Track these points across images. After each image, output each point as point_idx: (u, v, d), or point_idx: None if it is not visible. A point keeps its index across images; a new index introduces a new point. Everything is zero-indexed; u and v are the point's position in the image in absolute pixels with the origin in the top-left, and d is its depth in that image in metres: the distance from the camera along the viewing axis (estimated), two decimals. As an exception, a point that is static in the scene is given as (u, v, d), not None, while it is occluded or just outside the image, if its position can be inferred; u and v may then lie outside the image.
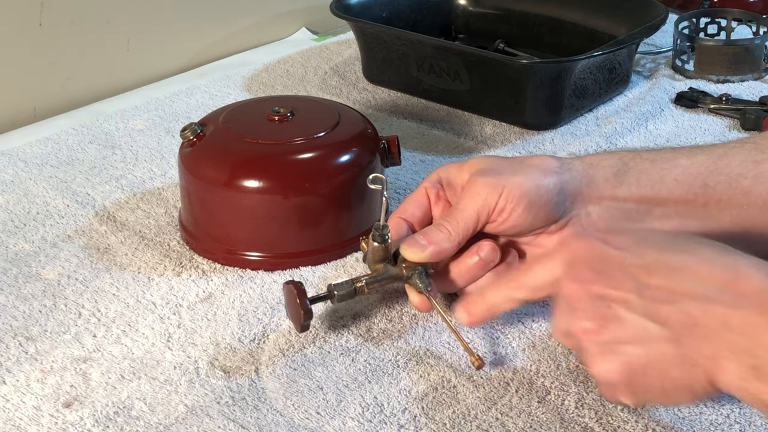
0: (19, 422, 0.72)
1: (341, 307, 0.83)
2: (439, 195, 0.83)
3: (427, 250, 0.78)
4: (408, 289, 0.80)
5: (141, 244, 0.93)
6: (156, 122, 1.18)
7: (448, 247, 0.79)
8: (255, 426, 0.71)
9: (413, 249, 0.79)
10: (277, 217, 0.89)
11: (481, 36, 1.34)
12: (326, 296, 0.79)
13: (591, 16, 1.27)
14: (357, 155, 0.90)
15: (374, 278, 0.79)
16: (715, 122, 1.16)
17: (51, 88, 1.24)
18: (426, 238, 0.79)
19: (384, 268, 0.79)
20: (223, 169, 0.89)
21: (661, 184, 0.82)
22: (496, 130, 1.15)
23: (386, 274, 0.79)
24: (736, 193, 0.82)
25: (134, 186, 1.04)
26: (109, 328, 0.82)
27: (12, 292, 0.87)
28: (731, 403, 0.73)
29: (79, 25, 1.24)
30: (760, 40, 1.25)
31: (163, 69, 1.34)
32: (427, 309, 0.80)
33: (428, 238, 0.79)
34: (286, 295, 0.79)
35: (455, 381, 0.76)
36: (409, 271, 0.79)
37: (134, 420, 0.72)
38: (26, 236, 0.95)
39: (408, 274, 0.79)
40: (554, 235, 0.82)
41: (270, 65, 1.34)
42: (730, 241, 0.84)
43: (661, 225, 0.83)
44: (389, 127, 1.16)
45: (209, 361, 0.78)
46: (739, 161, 0.83)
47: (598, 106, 1.20)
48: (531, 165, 0.82)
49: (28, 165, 1.09)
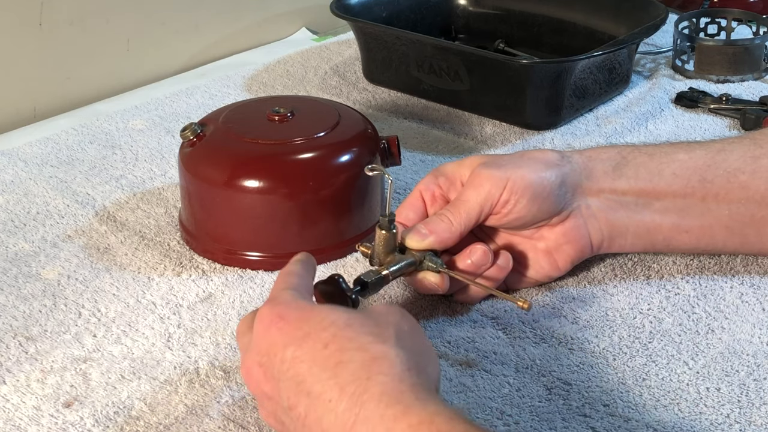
0: (19, 422, 0.72)
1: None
2: (434, 195, 0.84)
3: (428, 238, 0.79)
4: (423, 274, 0.80)
5: (141, 244, 0.93)
6: (156, 122, 1.18)
7: (448, 237, 0.80)
8: (255, 426, 0.71)
9: (414, 237, 0.80)
10: (277, 217, 0.88)
11: (481, 36, 1.34)
12: (361, 288, 0.78)
13: (591, 16, 1.27)
14: (357, 155, 0.90)
15: (395, 265, 0.79)
16: (715, 122, 1.16)
17: (51, 88, 1.24)
18: (427, 227, 0.80)
19: (396, 257, 0.80)
20: (223, 169, 0.89)
21: (660, 177, 0.83)
22: (496, 130, 1.15)
23: (405, 261, 0.79)
24: (733, 187, 0.82)
25: (134, 186, 1.04)
26: (109, 328, 0.82)
27: (12, 292, 0.87)
28: (731, 403, 0.73)
29: (79, 25, 1.24)
30: (760, 40, 1.25)
31: (163, 69, 1.34)
32: (446, 287, 0.80)
33: (429, 227, 0.80)
34: (325, 290, 0.77)
35: (455, 381, 0.75)
36: (419, 256, 0.80)
37: (134, 420, 0.72)
38: (26, 236, 0.95)
39: (420, 259, 0.80)
40: (555, 227, 0.83)
41: (270, 65, 1.34)
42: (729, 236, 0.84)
43: (660, 219, 0.84)
44: (389, 127, 1.16)
45: (209, 361, 0.78)
46: (737, 156, 0.83)
47: (598, 106, 1.20)
48: (533, 158, 0.82)
49: (28, 165, 1.09)
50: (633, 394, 0.74)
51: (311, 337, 0.63)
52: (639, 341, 0.79)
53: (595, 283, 0.87)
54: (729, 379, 0.75)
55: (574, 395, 0.74)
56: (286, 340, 0.64)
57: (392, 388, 0.59)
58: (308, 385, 0.62)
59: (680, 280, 0.87)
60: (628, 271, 0.88)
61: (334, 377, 0.61)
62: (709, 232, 0.84)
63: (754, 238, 0.84)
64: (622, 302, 0.84)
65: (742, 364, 0.76)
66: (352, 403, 0.59)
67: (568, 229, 0.83)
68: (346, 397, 0.60)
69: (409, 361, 0.62)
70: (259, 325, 0.66)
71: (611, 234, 0.84)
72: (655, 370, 0.76)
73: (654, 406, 0.72)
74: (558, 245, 0.84)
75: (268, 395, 0.65)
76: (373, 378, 0.60)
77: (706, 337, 0.80)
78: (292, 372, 0.63)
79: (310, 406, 0.61)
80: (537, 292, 0.86)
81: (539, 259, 0.84)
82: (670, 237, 0.84)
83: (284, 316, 0.65)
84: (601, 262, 0.89)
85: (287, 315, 0.65)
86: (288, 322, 0.65)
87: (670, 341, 0.79)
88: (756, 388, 0.74)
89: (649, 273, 0.88)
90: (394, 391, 0.59)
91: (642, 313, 0.83)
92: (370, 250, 0.81)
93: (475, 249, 0.81)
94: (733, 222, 0.83)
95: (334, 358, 0.62)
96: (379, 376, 0.60)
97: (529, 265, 0.84)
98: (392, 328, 0.65)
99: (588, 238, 0.84)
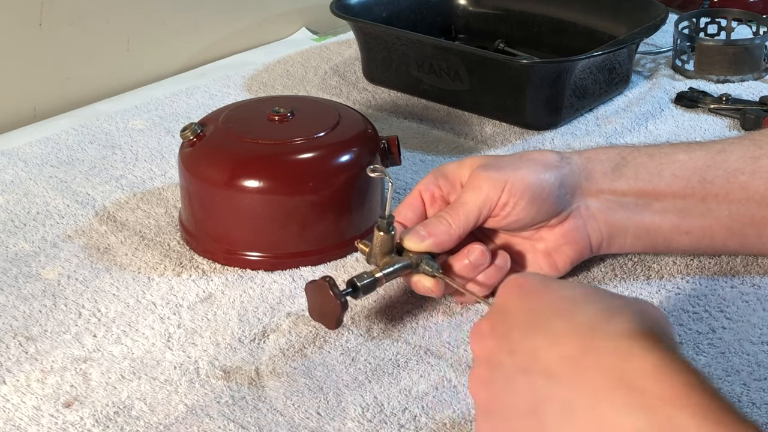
0: (19, 422, 0.72)
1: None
2: (434, 196, 0.83)
3: (426, 240, 0.79)
4: (418, 277, 0.80)
5: (141, 244, 0.93)
6: (156, 122, 1.18)
7: (446, 239, 0.79)
8: (255, 426, 0.71)
9: (413, 239, 0.79)
10: (277, 217, 0.88)
11: (481, 36, 1.34)
12: (352, 290, 0.78)
13: (591, 16, 1.27)
14: (357, 155, 0.90)
15: (390, 268, 0.79)
16: (715, 122, 1.16)
17: (51, 88, 1.24)
18: (426, 230, 0.80)
19: (392, 259, 0.80)
20: (223, 169, 0.89)
21: (659, 178, 0.83)
22: (496, 130, 1.15)
23: (400, 264, 0.79)
24: (733, 188, 0.82)
25: (134, 186, 1.04)
26: (109, 328, 0.82)
27: (12, 292, 0.87)
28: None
29: (79, 25, 1.24)
30: (760, 40, 1.25)
31: (163, 69, 1.34)
32: (441, 292, 0.80)
33: (428, 229, 0.80)
34: (315, 292, 0.78)
35: (455, 381, 0.75)
36: (416, 258, 0.79)
37: (134, 420, 0.72)
38: (26, 236, 0.95)
39: (416, 261, 0.79)
40: (555, 228, 0.83)
41: (270, 65, 1.34)
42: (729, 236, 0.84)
43: (660, 219, 0.83)
44: (389, 127, 1.16)
45: (209, 361, 0.78)
46: (737, 157, 0.83)
47: (598, 106, 1.20)
48: (532, 159, 0.82)
49: (28, 165, 1.09)
50: (633, 394, 0.74)
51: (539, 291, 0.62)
52: (639, 341, 0.79)
53: (595, 283, 0.87)
54: (729, 379, 0.75)
55: (575, 395, 0.74)
56: (528, 290, 0.62)
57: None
58: (538, 324, 0.59)
59: (680, 280, 0.87)
60: (628, 271, 0.88)
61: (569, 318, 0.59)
62: (709, 232, 0.84)
63: (754, 238, 0.84)
64: (622, 302, 0.84)
65: (743, 364, 0.76)
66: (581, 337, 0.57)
67: (568, 231, 0.83)
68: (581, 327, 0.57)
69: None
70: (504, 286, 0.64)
71: (611, 235, 0.84)
72: (655, 370, 0.76)
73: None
74: (557, 246, 0.84)
75: (489, 352, 0.61)
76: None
77: (706, 337, 0.80)
78: (521, 320, 0.61)
79: (537, 339, 0.59)
80: (537, 292, 0.85)
81: (538, 260, 0.84)
82: (670, 238, 0.84)
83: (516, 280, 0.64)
84: (601, 262, 0.89)
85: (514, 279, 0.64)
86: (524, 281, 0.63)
87: (671, 341, 0.79)
88: (756, 388, 0.74)
89: (649, 273, 0.88)
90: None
91: (642, 313, 0.83)
92: (368, 248, 0.81)
93: (473, 249, 0.81)
94: (733, 222, 0.83)
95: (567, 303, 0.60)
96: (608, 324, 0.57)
97: (528, 267, 0.84)
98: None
99: (587, 239, 0.84)
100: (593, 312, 0.58)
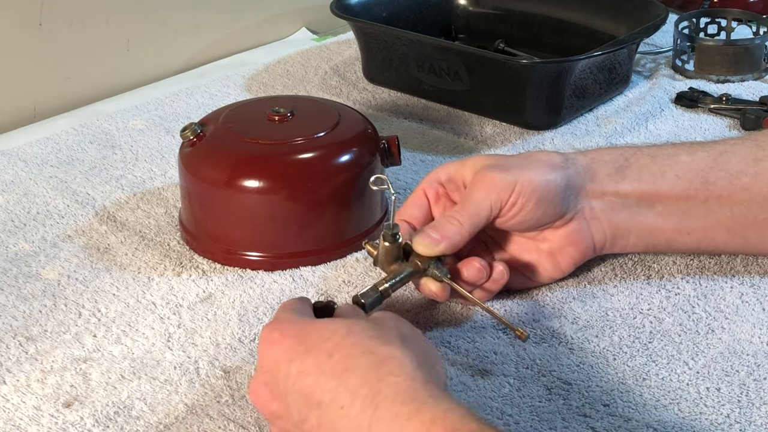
0: (19, 422, 0.72)
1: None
2: (438, 194, 0.83)
3: (441, 245, 0.78)
4: (425, 281, 0.80)
5: (141, 244, 0.93)
6: (156, 122, 1.18)
7: (459, 240, 0.79)
8: (255, 426, 0.71)
9: (427, 244, 0.78)
10: (277, 217, 0.88)
11: (481, 36, 1.34)
12: (360, 309, 0.77)
13: (591, 16, 1.27)
14: (357, 155, 0.90)
15: (395, 278, 0.78)
16: (715, 122, 1.16)
17: (51, 88, 1.24)
18: (438, 232, 0.78)
19: (399, 266, 0.79)
20: (223, 169, 0.89)
21: (662, 180, 0.83)
22: (496, 130, 1.15)
23: (405, 273, 0.79)
24: (736, 189, 0.82)
25: (134, 186, 1.04)
26: (109, 328, 0.82)
27: (12, 292, 0.87)
28: (731, 402, 0.73)
29: (79, 25, 1.24)
30: (760, 40, 1.25)
31: (163, 69, 1.34)
32: (446, 297, 0.80)
33: (441, 232, 0.79)
34: (321, 315, 0.74)
35: (455, 380, 0.75)
36: (425, 263, 0.79)
37: (134, 420, 0.72)
38: (26, 236, 0.95)
39: (424, 267, 0.79)
40: (559, 229, 0.83)
41: (270, 65, 1.34)
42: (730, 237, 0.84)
43: (663, 220, 0.83)
44: (389, 127, 1.16)
45: (209, 361, 0.78)
46: (740, 158, 0.83)
47: (598, 106, 1.20)
48: (538, 160, 0.82)
49: (28, 165, 1.09)
50: (633, 394, 0.74)
51: (314, 349, 0.63)
52: (639, 341, 0.79)
53: (595, 283, 0.87)
54: (729, 379, 0.75)
55: (574, 395, 0.74)
56: (290, 355, 0.64)
57: (405, 387, 0.59)
58: (318, 396, 0.62)
59: (680, 280, 0.87)
60: (628, 271, 0.88)
61: (344, 384, 0.61)
62: (710, 233, 0.84)
63: (755, 239, 0.84)
64: (622, 302, 0.84)
65: (742, 364, 0.76)
66: (366, 405, 0.59)
67: (571, 232, 0.83)
68: (358, 400, 0.60)
69: (418, 360, 0.62)
70: (262, 345, 0.66)
71: (614, 235, 0.84)
72: (655, 370, 0.76)
73: (654, 406, 0.72)
74: (561, 247, 0.83)
75: (277, 414, 0.65)
76: (385, 379, 0.60)
77: (706, 337, 0.80)
78: (299, 386, 0.63)
79: (323, 415, 0.61)
80: (537, 292, 0.86)
81: (542, 260, 0.84)
82: (672, 238, 0.84)
83: (285, 332, 0.66)
84: (602, 262, 0.89)
85: (287, 331, 0.66)
86: (288, 337, 0.65)
87: (670, 341, 0.79)
88: (756, 388, 0.74)
89: (649, 273, 0.88)
90: (407, 390, 0.59)
91: (642, 313, 0.83)
92: (375, 250, 0.80)
93: (471, 264, 0.80)
94: (735, 224, 0.83)
95: (340, 365, 0.62)
96: (390, 377, 0.60)
97: (532, 267, 0.84)
98: (394, 331, 0.65)
99: (591, 240, 0.84)
100: (366, 368, 0.61)
